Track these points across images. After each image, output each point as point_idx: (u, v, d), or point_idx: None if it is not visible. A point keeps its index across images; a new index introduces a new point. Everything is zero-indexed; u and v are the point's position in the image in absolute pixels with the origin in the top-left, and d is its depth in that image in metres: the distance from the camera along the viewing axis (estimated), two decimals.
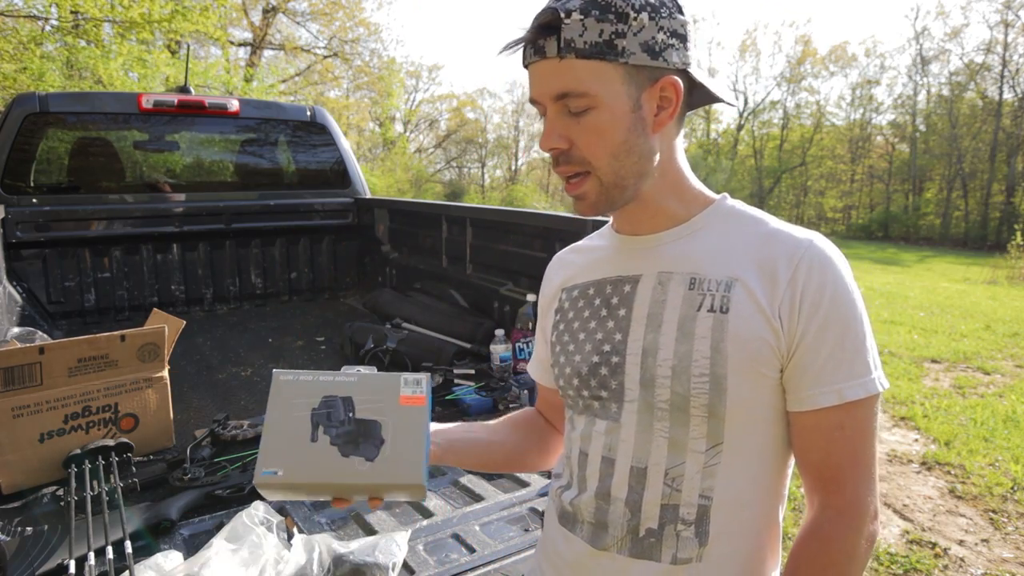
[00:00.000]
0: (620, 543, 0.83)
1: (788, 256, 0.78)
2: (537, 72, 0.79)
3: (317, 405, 0.82)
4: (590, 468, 0.87)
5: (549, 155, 0.82)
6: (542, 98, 0.80)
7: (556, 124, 0.79)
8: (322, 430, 0.81)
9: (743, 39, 38.50)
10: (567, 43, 0.75)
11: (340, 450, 0.80)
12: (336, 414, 0.82)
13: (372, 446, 0.81)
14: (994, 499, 3.30)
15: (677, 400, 0.79)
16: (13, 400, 1.64)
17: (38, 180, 3.36)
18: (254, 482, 0.78)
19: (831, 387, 0.75)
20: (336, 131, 3.97)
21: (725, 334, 0.77)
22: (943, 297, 10.13)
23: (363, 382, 0.85)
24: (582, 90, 0.76)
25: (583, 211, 0.84)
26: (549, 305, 1.00)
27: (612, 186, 0.81)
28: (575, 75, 0.76)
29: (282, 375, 0.85)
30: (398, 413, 0.83)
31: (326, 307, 3.88)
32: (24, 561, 1.27)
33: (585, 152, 0.79)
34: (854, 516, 0.77)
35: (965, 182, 28.36)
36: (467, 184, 41.89)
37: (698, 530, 0.80)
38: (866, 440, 0.77)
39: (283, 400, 0.83)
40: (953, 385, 5.28)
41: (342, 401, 0.83)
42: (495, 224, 2.89)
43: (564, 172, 0.82)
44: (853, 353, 0.76)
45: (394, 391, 0.85)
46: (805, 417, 0.78)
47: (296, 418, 0.82)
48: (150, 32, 9.94)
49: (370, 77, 23.10)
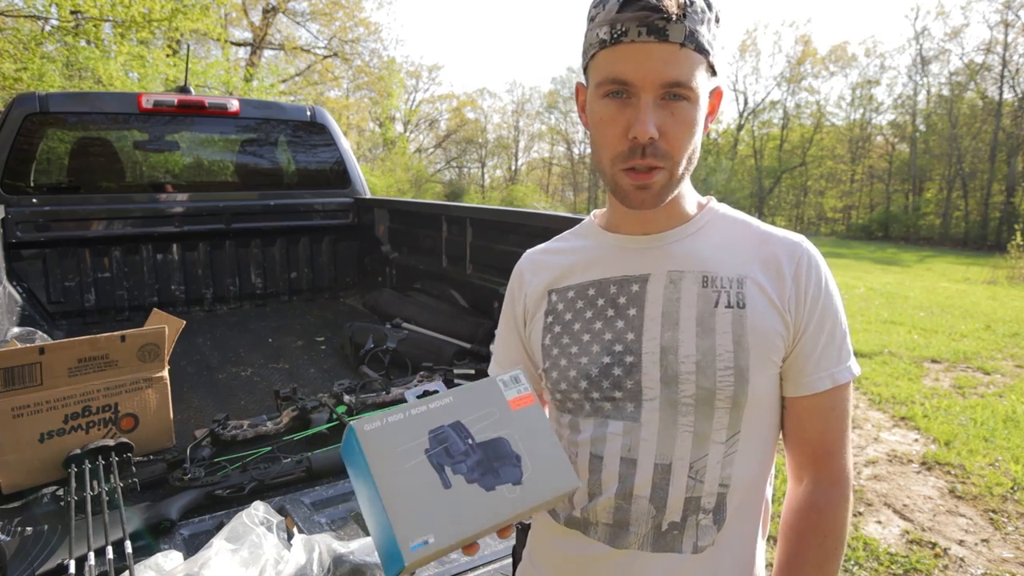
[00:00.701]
0: (643, 540, 0.84)
1: (789, 255, 0.84)
2: (646, 54, 0.75)
3: (428, 444, 0.69)
4: (606, 471, 0.85)
5: (624, 147, 0.78)
6: (645, 82, 0.75)
7: (653, 113, 0.76)
8: (450, 471, 0.68)
9: (743, 39, 38.48)
10: (691, 33, 0.75)
11: (481, 484, 0.68)
12: (455, 446, 0.70)
13: (511, 466, 0.71)
14: (994, 499, 3.30)
15: (703, 394, 0.81)
16: (13, 400, 1.64)
17: (38, 180, 3.36)
18: (406, 563, 0.62)
19: (827, 372, 0.83)
20: (336, 131, 3.97)
21: (745, 328, 0.81)
22: (943, 297, 10.13)
23: (462, 400, 0.73)
24: (693, 83, 0.76)
25: (646, 202, 0.81)
26: (535, 308, 0.96)
27: (678, 180, 0.81)
28: (692, 67, 0.76)
29: (365, 424, 0.69)
30: (516, 421, 0.74)
31: (326, 307, 3.89)
32: (24, 561, 1.27)
33: (672, 145, 0.78)
34: (845, 486, 0.85)
35: (965, 182, 28.37)
36: (467, 184, 41.91)
37: (716, 517, 0.84)
38: (848, 418, 0.86)
39: (385, 453, 0.67)
40: (953, 385, 5.28)
41: (453, 429, 0.71)
42: (495, 224, 2.90)
43: (645, 164, 0.78)
44: (840, 341, 0.85)
45: (499, 398, 0.75)
46: (803, 401, 0.85)
47: (413, 468, 0.67)
48: (150, 31, 9.95)
49: (370, 77, 23.11)
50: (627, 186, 0.80)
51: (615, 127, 0.78)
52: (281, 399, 2.17)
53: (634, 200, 0.81)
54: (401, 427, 0.69)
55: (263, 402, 2.36)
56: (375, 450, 0.67)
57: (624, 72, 0.76)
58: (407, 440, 0.69)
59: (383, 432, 0.68)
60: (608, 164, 0.81)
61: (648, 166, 0.78)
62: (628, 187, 0.80)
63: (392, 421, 0.69)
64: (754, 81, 51.42)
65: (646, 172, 0.79)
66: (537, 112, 44.16)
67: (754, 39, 45.28)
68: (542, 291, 0.96)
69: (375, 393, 2.23)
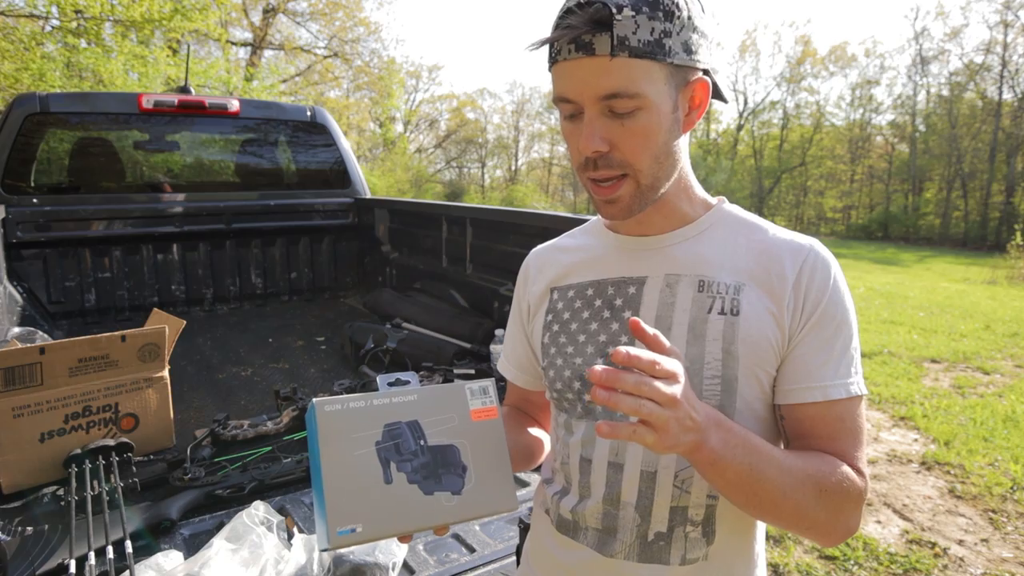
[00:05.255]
0: (629, 549, 0.83)
1: (792, 259, 0.80)
2: (579, 70, 0.73)
3: (381, 437, 0.70)
4: (595, 474, 0.84)
5: (582, 159, 0.77)
6: (582, 98, 0.74)
7: (597, 126, 0.74)
8: (394, 467, 0.69)
9: (743, 39, 38.49)
10: (620, 41, 0.70)
11: (421, 487, 0.69)
12: (406, 444, 0.70)
13: (455, 476, 0.71)
14: (993, 499, 3.30)
15: None
16: (14, 400, 1.65)
17: (39, 180, 3.36)
18: (329, 545, 0.65)
19: (818, 384, 0.77)
20: (336, 131, 3.97)
21: (736, 336, 0.78)
22: (943, 297, 10.14)
23: (425, 400, 0.73)
24: (634, 91, 0.72)
25: (615, 215, 0.80)
26: (537, 305, 0.96)
27: (648, 188, 0.79)
28: (628, 75, 0.72)
29: (326, 404, 0.70)
30: (473, 432, 0.73)
31: (326, 307, 3.89)
32: (24, 561, 1.27)
33: (628, 155, 0.76)
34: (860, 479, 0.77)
35: (965, 182, 28.36)
36: (467, 184, 41.90)
37: (705, 529, 0.81)
38: (853, 437, 0.78)
39: (337, 436, 0.68)
40: (953, 385, 5.28)
41: (408, 428, 0.71)
42: (495, 224, 2.90)
43: (600, 176, 0.77)
44: (840, 353, 0.78)
45: (462, 405, 0.75)
46: (793, 411, 0.79)
47: (360, 457, 0.68)
48: (150, 31, 9.96)
49: (370, 77, 23.10)
50: (596, 199, 0.81)
51: (572, 143, 0.79)
52: (281, 399, 2.17)
53: (604, 213, 0.82)
54: (359, 415, 0.70)
55: (263, 402, 2.37)
56: (328, 431, 0.68)
57: (565, 90, 0.75)
58: (362, 428, 0.69)
59: (341, 416, 0.69)
60: (578, 175, 0.81)
61: (605, 177, 0.77)
62: (597, 200, 0.81)
63: (352, 407, 0.70)
64: (754, 81, 51.52)
65: (609, 186, 0.78)
66: (537, 112, 44.17)
67: (754, 39, 45.40)
68: (545, 289, 0.95)
69: None
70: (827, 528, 0.75)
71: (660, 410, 0.60)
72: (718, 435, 0.67)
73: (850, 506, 0.75)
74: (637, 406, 0.59)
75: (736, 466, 0.68)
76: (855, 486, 0.75)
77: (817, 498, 0.72)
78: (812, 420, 0.78)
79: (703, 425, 0.64)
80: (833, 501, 0.73)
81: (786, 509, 0.72)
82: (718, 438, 0.67)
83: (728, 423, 0.70)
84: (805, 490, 0.72)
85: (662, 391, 0.60)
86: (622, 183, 0.77)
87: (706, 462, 0.67)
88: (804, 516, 0.73)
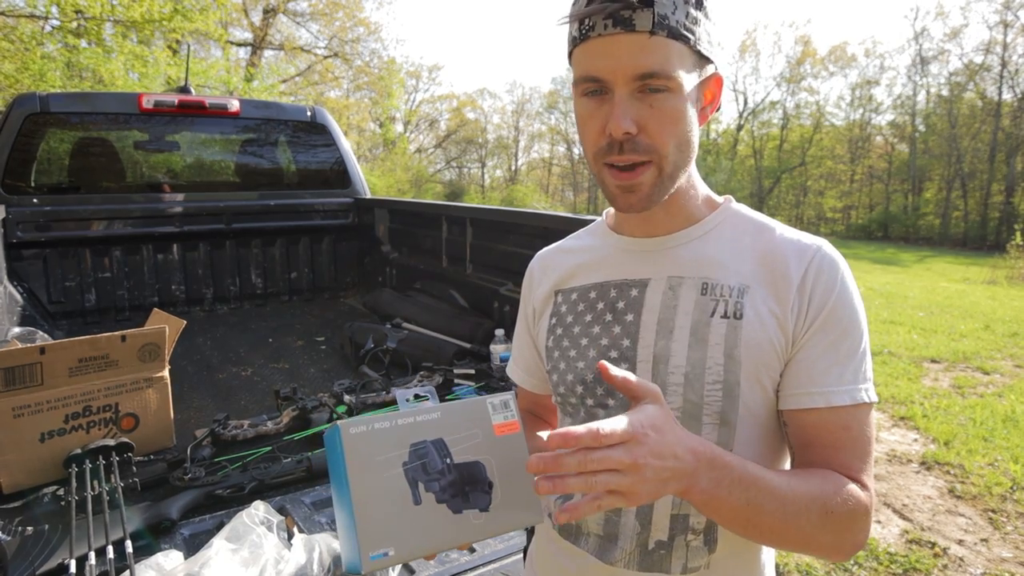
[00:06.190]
0: (629, 557, 0.82)
1: (798, 259, 0.77)
2: (615, 47, 0.70)
3: (408, 457, 0.69)
4: None
5: (604, 142, 0.74)
6: (615, 76, 0.71)
7: (629, 106, 0.71)
8: (422, 487, 0.69)
9: (743, 39, 38.48)
10: (661, 18, 0.69)
11: (449, 506, 0.69)
12: (432, 464, 0.70)
13: (482, 492, 0.71)
14: (993, 499, 3.30)
15: (690, 408, 0.77)
16: (14, 400, 1.65)
17: (39, 180, 3.36)
18: (362, 570, 0.64)
19: (819, 389, 0.74)
20: (336, 131, 3.97)
21: (739, 340, 0.76)
22: (943, 297, 10.14)
23: (448, 417, 0.73)
24: (669, 72, 0.70)
25: (634, 204, 0.77)
26: (542, 308, 0.95)
27: (668, 177, 0.76)
28: (666, 54, 0.70)
29: (351, 427, 0.69)
30: (498, 447, 0.73)
31: (326, 307, 3.89)
32: (25, 560, 1.27)
33: (655, 138, 0.73)
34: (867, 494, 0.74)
35: (964, 182, 28.36)
36: (467, 184, 41.91)
37: (707, 538, 0.80)
38: (862, 447, 0.75)
39: (365, 459, 0.68)
40: (952, 385, 5.28)
41: (434, 446, 0.71)
42: (495, 224, 2.90)
43: (624, 161, 0.74)
44: (846, 358, 0.75)
45: (485, 421, 0.74)
46: (796, 416, 0.76)
47: (388, 479, 0.68)
48: (151, 32, 9.96)
49: (370, 77, 23.09)
50: (612, 187, 0.77)
51: (593, 125, 0.75)
52: (281, 399, 2.17)
53: (621, 203, 0.78)
54: (385, 436, 0.69)
55: (263, 402, 2.37)
56: (356, 455, 0.68)
57: (595, 68, 0.72)
58: (388, 449, 0.69)
59: (367, 438, 0.69)
60: (592, 162, 0.78)
61: (629, 162, 0.74)
62: (614, 188, 0.77)
63: (378, 428, 0.69)
64: (754, 81, 51.59)
65: (630, 171, 0.74)
66: (537, 112, 44.22)
67: (754, 39, 45.31)
68: (549, 291, 0.94)
69: (375, 393, 2.23)
70: (834, 548, 0.72)
71: (619, 478, 0.57)
72: (710, 475, 0.64)
73: (857, 525, 0.72)
74: (588, 484, 0.56)
75: (732, 503, 0.65)
76: (861, 504, 0.71)
77: (822, 522, 0.69)
78: (815, 427, 0.75)
79: (690, 469, 0.61)
80: (839, 523, 0.70)
81: (789, 536, 0.70)
82: (709, 478, 0.64)
83: (723, 459, 0.65)
84: (809, 515, 0.68)
85: (616, 459, 0.56)
86: (645, 169, 0.74)
87: (698, 502, 0.65)
88: (809, 541, 0.71)
